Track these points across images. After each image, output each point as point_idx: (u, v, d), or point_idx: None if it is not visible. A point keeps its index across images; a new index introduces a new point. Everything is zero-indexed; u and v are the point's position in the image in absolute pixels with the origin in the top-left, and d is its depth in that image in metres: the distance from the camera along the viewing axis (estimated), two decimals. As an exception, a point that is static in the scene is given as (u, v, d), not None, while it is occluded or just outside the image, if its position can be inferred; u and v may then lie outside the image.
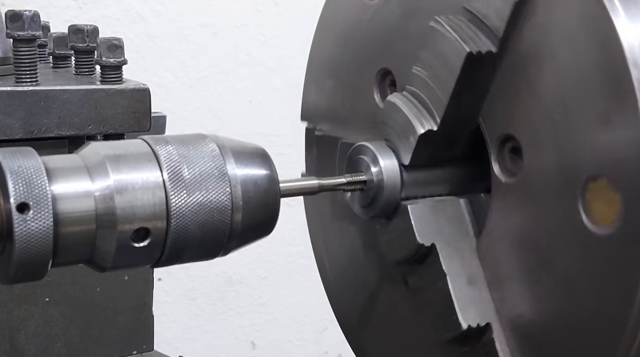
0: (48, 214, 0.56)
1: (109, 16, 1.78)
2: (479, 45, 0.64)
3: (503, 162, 0.66)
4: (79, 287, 1.09)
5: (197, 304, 2.00)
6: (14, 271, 0.56)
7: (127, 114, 1.03)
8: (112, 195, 0.58)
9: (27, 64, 0.99)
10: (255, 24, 1.94)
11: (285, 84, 1.97)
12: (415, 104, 0.69)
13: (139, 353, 1.14)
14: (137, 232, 0.59)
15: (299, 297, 2.09)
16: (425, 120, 0.68)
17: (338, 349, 2.13)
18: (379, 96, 0.78)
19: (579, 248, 0.60)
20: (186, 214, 0.61)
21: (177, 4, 1.86)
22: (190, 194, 0.61)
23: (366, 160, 0.72)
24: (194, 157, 0.62)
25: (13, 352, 1.05)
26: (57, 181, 0.57)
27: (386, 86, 0.77)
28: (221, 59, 1.92)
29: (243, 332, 2.07)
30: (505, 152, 0.66)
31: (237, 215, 0.63)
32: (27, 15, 0.98)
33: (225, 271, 2.01)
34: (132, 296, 1.13)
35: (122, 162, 0.60)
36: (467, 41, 0.64)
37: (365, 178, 0.72)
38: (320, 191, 0.71)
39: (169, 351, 1.23)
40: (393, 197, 0.71)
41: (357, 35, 0.80)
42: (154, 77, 1.79)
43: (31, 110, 0.98)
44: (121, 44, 1.04)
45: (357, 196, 0.74)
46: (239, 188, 0.63)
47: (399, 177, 0.71)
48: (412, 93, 0.69)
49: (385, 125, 0.72)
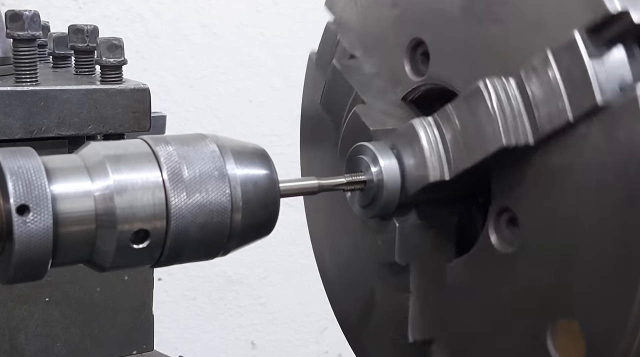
0: (48, 214, 0.56)
1: (109, 16, 1.78)
2: (517, 136, 0.61)
3: (500, 229, 0.66)
4: (79, 287, 1.09)
5: (197, 304, 2.00)
6: (14, 271, 0.56)
7: (127, 114, 1.03)
8: (111, 195, 0.58)
9: (27, 64, 0.99)
10: (255, 24, 1.94)
11: (285, 83, 1.97)
12: (437, 141, 0.67)
13: (139, 353, 1.14)
14: (137, 233, 0.59)
15: (299, 297, 2.09)
16: (440, 166, 0.67)
17: (338, 349, 2.13)
18: (410, 66, 0.75)
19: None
20: (186, 215, 0.60)
21: (177, 4, 1.86)
22: (190, 194, 0.61)
23: (366, 160, 0.72)
24: (194, 158, 0.62)
25: (13, 352, 1.05)
26: (57, 181, 0.57)
27: (417, 57, 0.75)
28: (221, 59, 1.92)
29: (243, 332, 2.07)
30: (502, 221, 0.66)
31: (236, 215, 0.63)
32: (27, 15, 0.98)
33: (225, 270, 2.01)
34: (132, 296, 1.13)
35: (122, 162, 0.59)
36: (508, 131, 0.61)
37: (365, 178, 0.72)
38: (320, 190, 0.71)
39: (169, 351, 1.23)
40: (393, 197, 0.71)
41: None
42: (154, 77, 1.79)
43: (31, 110, 0.98)
44: (121, 44, 1.04)
45: (357, 195, 0.74)
46: (238, 188, 0.63)
47: (399, 177, 0.71)
48: (437, 127, 0.67)
49: (400, 142, 0.70)
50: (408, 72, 0.75)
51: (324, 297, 0.89)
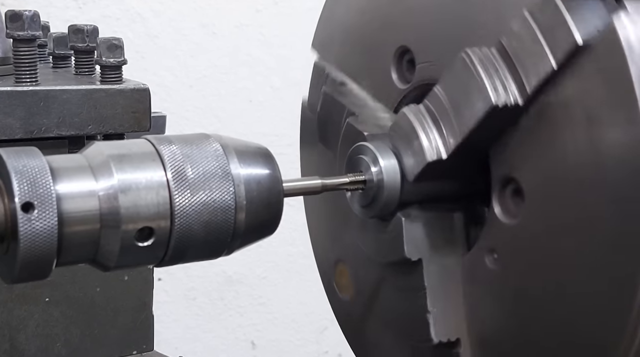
0: (52, 213, 0.56)
1: (109, 16, 1.78)
2: (507, 97, 0.62)
3: (505, 201, 0.66)
4: (79, 287, 1.08)
5: (197, 304, 2.00)
6: (19, 270, 0.56)
7: (127, 114, 1.03)
8: (116, 194, 0.58)
9: (27, 64, 0.99)
10: (255, 24, 1.94)
11: (285, 83, 1.97)
12: (429, 123, 0.68)
13: (139, 353, 1.14)
14: (141, 232, 0.59)
15: (299, 297, 2.09)
16: (436, 146, 0.67)
17: (338, 349, 2.13)
18: (397, 74, 0.76)
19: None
20: (190, 214, 0.61)
21: (177, 4, 1.85)
22: (194, 193, 0.61)
23: (366, 160, 0.72)
24: (198, 157, 0.62)
25: (13, 352, 1.05)
26: (62, 180, 0.57)
27: (404, 65, 0.76)
28: (221, 58, 1.92)
29: (243, 332, 2.07)
30: (507, 193, 0.65)
31: (240, 214, 0.63)
32: (27, 15, 0.98)
33: (225, 270, 2.01)
34: (132, 296, 1.12)
35: (126, 161, 0.60)
36: (496, 89, 0.62)
37: (365, 178, 0.72)
38: (323, 190, 0.71)
39: (169, 351, 1.23)
40: (393, 197, 0.71)
41: (378, 6, 0.78)
42: (154, 77, 1.79)
43: (31, 110, 0.98)
44: (121, 44, 1.04)
45: (357, 195, 0.74)
46: (242, 188, 0.63)
47: (399, 177, 0.71)
48: (428, 111, 0.68)
49: (395, 134, 0.71)
50: (395, 81, 0.76)
51: (324, 297, 0.89)
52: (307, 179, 0.72)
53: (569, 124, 0.60)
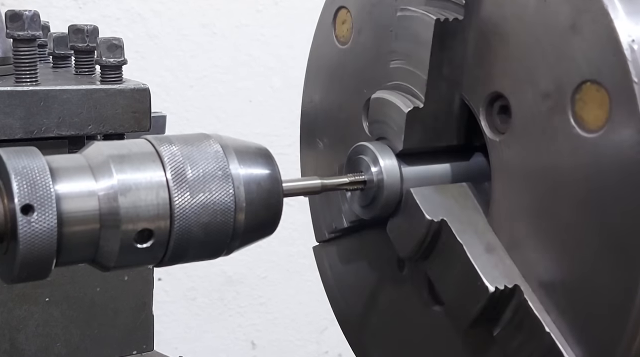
0: (52, 214, 0.56)
1: (109, 16, 1.78)
2: (446, 15, 0.67)
3: (493, 123, 0.67)
4: (79, 287, 1.08)
5: (197, 304, 2.00)
6: (18, 270, 0.56)
7: (127, 114, 1.03)
8: (115, 195, 0.58)
9: (27, 64, 0.99)
10: (255, 24, 1.94)
11: (285, 84, 1.97)
12: (400, 92, 0.71)
13: (139, 353, 1.14)
14: (141, 234, 0.59)
15: (299, 297, 2.09)
16: (410, 101, 0.70)
17: (338, 349, 2.13)
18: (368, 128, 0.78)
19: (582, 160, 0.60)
20: (189, 215, 0.61)
21: (177, 4, 1.85)
22: (193, 194, 0.61)
23: (366, 160, 0.72)
24: (198, 158, 0.62)
25: (13, 352, 1.05)
26: (61, 180, 0.57)
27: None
28: (221, 59, 1.92)
29: (243, 332, 2.07)
30: (494, 113, 0.67)
31: (240, 216, 0.63)
32: (27, 15, 0.98)
33: (225, 270, 2.01)
34: (132, 296, 1.12)
35: (125, 162, 0.60)
36: (434, 14, 0.67)
37: (365, 178, 0.72)
38: (323, 190, 0.71)
39: (169, 351, 1.23)
40: (393, 197, 0.71)
41: (342, 75, 0.82)
42: (154, 77, 1.79)
43: (31, 110, 0.97)
44: (121, 44, 1.04)
45: (357, 195, 0.74)
46: (242, 189, 0.63)
47: (399, 176, 0.71)
48: (394, 86, 0.72)
49: (376, 121, 0.73)
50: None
51: (324, 297, 0.89)
52: (307, 179, 0.72)
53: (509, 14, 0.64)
